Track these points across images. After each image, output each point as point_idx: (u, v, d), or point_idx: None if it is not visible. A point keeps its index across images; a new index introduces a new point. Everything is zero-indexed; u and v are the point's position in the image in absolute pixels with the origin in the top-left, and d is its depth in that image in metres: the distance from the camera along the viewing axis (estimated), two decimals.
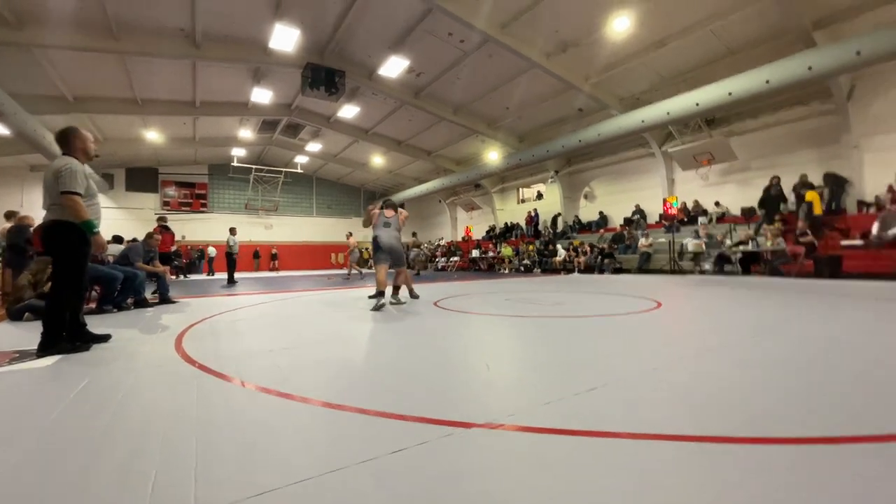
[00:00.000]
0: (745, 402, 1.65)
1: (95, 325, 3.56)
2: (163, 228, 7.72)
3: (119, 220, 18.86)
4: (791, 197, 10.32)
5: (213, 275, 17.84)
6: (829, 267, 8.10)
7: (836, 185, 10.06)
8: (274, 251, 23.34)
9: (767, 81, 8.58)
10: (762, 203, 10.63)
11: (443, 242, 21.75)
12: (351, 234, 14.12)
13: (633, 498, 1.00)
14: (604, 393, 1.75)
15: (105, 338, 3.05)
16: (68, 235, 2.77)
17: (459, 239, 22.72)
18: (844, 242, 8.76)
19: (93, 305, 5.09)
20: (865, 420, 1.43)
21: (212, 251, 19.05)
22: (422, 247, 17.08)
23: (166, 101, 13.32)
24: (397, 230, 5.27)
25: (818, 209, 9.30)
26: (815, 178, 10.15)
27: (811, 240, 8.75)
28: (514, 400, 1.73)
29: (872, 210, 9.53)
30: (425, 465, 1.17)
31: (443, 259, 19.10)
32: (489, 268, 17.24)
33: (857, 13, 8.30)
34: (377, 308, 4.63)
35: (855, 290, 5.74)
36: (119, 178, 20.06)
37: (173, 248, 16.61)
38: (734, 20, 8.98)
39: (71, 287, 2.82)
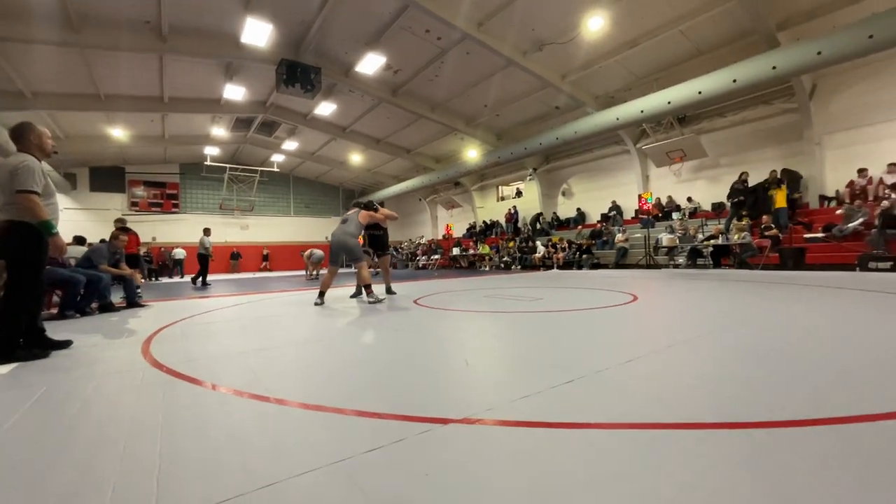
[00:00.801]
0: (716, 389, 1.69)
1: (57, 331, 3.39)
2: (123, 230, 7.30)
3: (83, 221, 18.01)
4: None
5: (182, 277, 17.27)
6: (794, 259, 8.46)
7: (791, 180, 10.49)
8: (265, 252, 23.07)
9: (734, 81, 8.89)
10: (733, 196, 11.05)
11: (423, 241, 21.70)
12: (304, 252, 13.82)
13: (608, 486, 1.00)
14: (580, 385, 1.77)
15: (65, 344, 2.89)
16: (24, 237, 2.61)
17: (440, 237, 22.71)
18: (807, 235, 9.17)
19: (54, 311, 4.85)
20: (826, 403, 1.49)
21: (180, 253, 18.41)
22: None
23: (132, 96, 12.76)
24: (355, 226, 5.25)
25: (781, 202, 9.72)
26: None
27: (776, 233, 9.12)
28: (492, 394, 1.72)
29: (833, 204, 10.01)
30: (401, 463, 1.15)
31: (423, 257, 19.05)
32: (470, 265, 17.29)
33: (817, 15, 8.67)
34: (318, 302, 5.13)
35: (817, 280, 6.01)
36: (82, 177, 19.15)
37: (143, 251, 16.01)
38: (702, 21, 9.25)
39: (28, 291, 2.67)
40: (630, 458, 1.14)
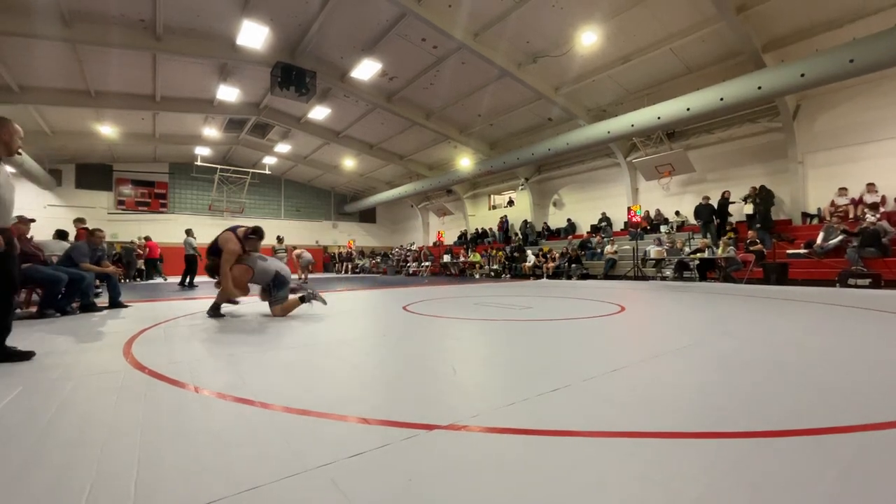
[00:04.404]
0: (699, 399, 1.72)
1: (36, 330, 3.31)
2: (87, 231, 6.90)
3: (68, 218, 17.59)
4: (741, 208, 11.09)
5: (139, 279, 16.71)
6: (777, 274, 8.64)
7: (767, 196, 10.73)
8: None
9: (722, 99, 9.13)
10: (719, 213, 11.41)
11: (414, 247, 21.68)
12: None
13: (592, 493, 1.01)
14: (566, 393, 1.78)
15: (27, 355, 2.54)
16: None
17: (431, 244, 22.71)
18: (790, 251, 9.38)
19: (34, 310, 4.72)
20: (806, 414, 1.52)
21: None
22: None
23: (123, 94, 12.61)
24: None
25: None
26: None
27: (760, 248, 9.31)
28: (479, 402, 1.72)
29: (815, 221, 10.27)
30: (385, 468, 1.14)
31: (414, 264, 19.02)
32: (460, 273, 17.30)
33: (802, 38, 8.97)
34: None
35: (798, 295, 6.14)
36: (68, 174, 18.77)
37: (135, 249, 15.60)
38: (692, 40, 9.50)
39: None
40: (614, 465, 1.15)
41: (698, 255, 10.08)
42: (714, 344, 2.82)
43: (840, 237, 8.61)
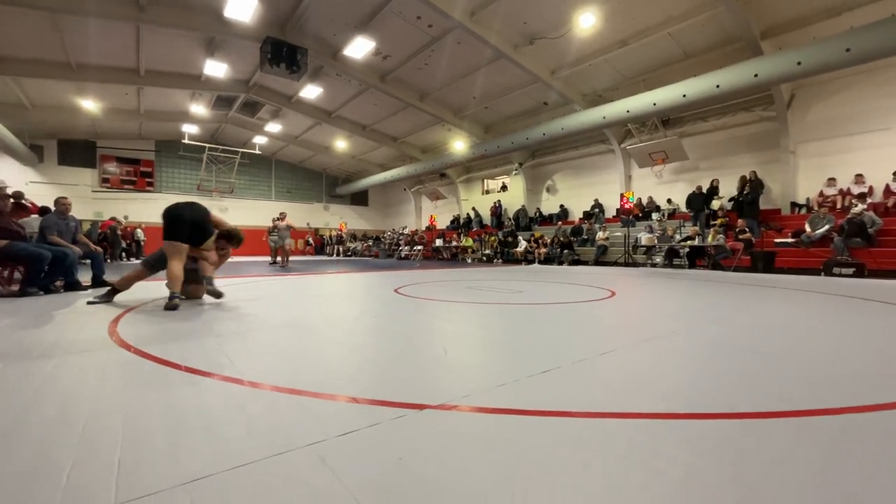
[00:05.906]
0: (686, 382, 1.74)
1: (17, 309, 3.24)
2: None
3: (49, 196, 17.15)
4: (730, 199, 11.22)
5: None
6: (764, 262, 8.78)
7: (757, 185, 10.81)
8: (309, 238, 22.77)
9: (718, 86, 9.09)
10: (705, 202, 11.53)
11: (406, 231, 21.59)
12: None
13: (579, 471, 1.01)
14: (556, 375, 1.79)
15: None
16: None
17: (424, 228, 22.62)
18: (777, 240, 9.51)
19: (15, 288, 4.62)
20: (789, 396, 1.55)
21: (140, 234, 17.49)
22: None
23: (105, 67, 12.17)
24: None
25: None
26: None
27: (749, 237, 9.43)
28: (470, 382, 1.72)
29: (804, 211, 10.41)
30: (375, 447, 1.13)
31: (406, 247, 18.96)
32: (452, 257, 17.30)
33: (800, 26, 8.91)
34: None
35: (784, 283, 6.25)
36: (50, 150, 18.21)
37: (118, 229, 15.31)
38: (690, 25, 9.39)
39: None
40: (600, 445, 1.16)
41: (688, 242, 10.18)
42: (701, 329, 2.86)
43: (827, 226, 8.74)
